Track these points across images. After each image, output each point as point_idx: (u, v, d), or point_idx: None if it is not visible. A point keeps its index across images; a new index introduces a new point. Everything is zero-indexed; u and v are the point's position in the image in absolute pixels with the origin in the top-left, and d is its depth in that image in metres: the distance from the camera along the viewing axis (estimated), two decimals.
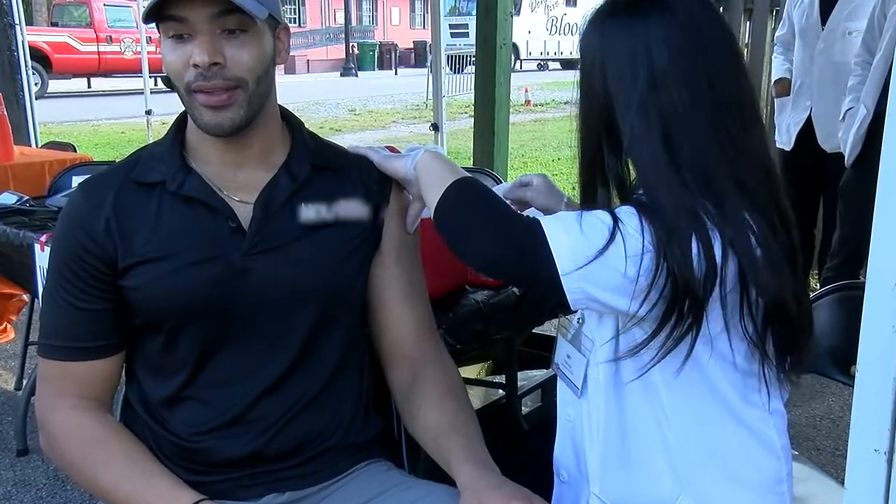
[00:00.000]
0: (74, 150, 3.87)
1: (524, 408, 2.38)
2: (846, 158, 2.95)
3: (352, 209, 1.21)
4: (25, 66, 4.98)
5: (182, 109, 1.15)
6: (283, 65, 1.23)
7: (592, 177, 1.07)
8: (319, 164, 1.21)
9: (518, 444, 1.46)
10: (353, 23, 27.02)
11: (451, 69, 12.62)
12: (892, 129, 0.63)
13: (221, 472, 1.16)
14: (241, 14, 1.06)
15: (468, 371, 2.51)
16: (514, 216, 1.03)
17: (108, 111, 12.31)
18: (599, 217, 0.97)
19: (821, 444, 2.59)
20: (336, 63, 24.57)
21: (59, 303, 1.14)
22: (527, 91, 13.56)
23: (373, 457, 1.25)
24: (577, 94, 1.07)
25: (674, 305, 0.96)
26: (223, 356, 1.16)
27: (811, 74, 3.28)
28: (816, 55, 3.25)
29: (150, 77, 7.63)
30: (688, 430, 1.06)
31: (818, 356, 1.47)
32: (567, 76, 1.11)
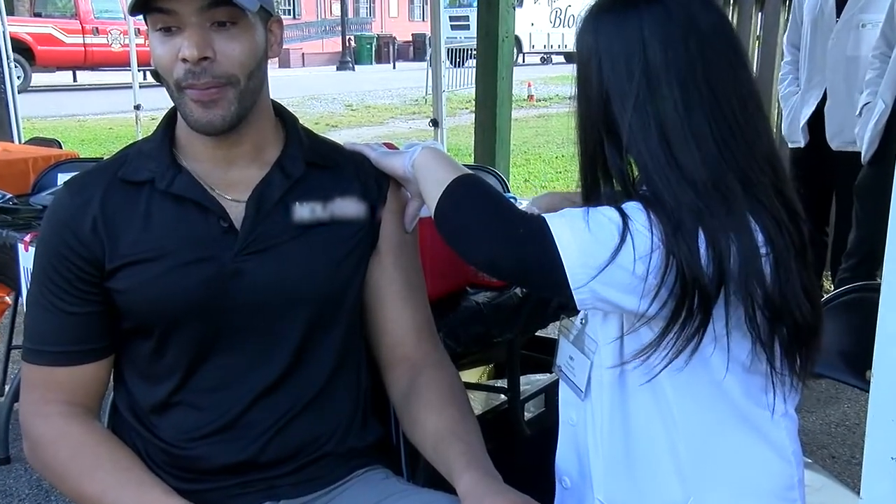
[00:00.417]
0: (60, 147, 3.88)
1: (527, 413, 2.38)
2: (863, 155, 2.95)
3: (348, 208, 1.21)
4: (7, 59, 4.98)
5: (171, 104, 1.15)
6: (277, 59, 1.23)
7: (594, 173, 1.07)
8: (314, 162, 1.22)
9: (520, 451, 1.46)
10: (350, 15, 27.02)
11: (452, 63, 12.63)
12: None
13: (213, 480, 1.16)
14: (232, 6, 1.07)
15: (469, 375, 2.51)
16: (518, 214, 1.03)
17: (95, 106, 12.30)
18: (607, 214, 0.97)
19: (836, 452, 2.59)
20: (332, 57, 24.56)
21: (45, 306, 1.14)
22: (530, 85, 13.55)
23: (370, 464, 1.25)
24: (575, 91, 1.08)
25: (683, 303, 0.96)
26: (215, 360, 1.16)
27: (822, 69, 3.28)
28: (829, 49, 3.24)
29: (139, 71, 7.63)
30: (696, 433, 1.06)
31: (833, 360, 1.47)
32: (572, 70, 1.11)
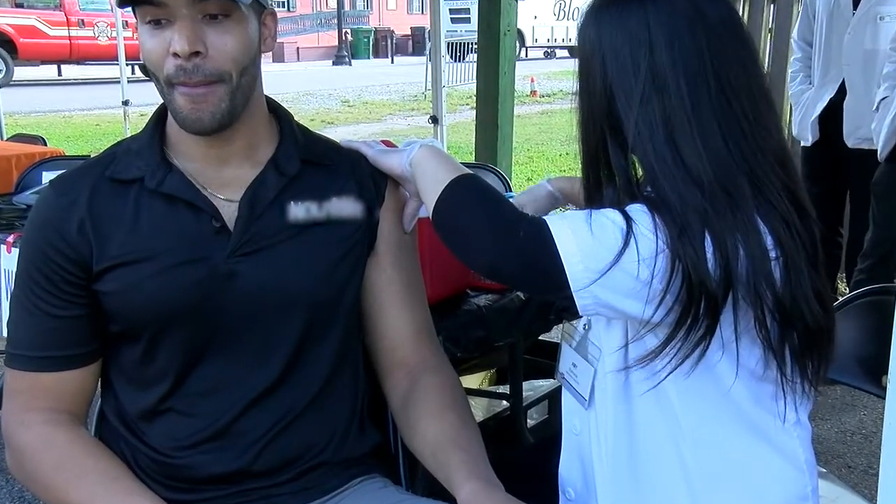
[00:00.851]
0: (44, 144, 3.88)
1: (530, 420, 2.39)
2: (879, 152, 2.95)
3: (345, 207, 1.21)
4: None
5: (162, 100, 1.15)
6: (270, 53, 1.23)
7: (597, 173, 1.07)
8: (310, 160, 1.22)
9: (523, 460, 1.46)
10: (347, 7, 27.05)
11: (452, 57, 12.62)
12: None
13: (205, 490, 1.16)
14: None
15: (470, 381, 2.51)
16: (519, 216, 1.04)
17: (81, 101, 12.30)
18: (610, 217, 0.98)
19: (852, 462, 2.59)
20: (328, 51, 24.57)
21: (29, 309, 1.14)
22: (533, 81, 13.55)
23: (368, 472, 1.25)
24: (577, 87, 1.08)
25: (689, 308, 0.96)
26: (207, 365, 1.16)
27: (838, 64, 3.28)
28: (846, 43, 3.25)
29: (127, 65, 7.60)
30: (704, 442, 1.06)
31: (848, 366, 1.47)
32: (574, 65, 1.12)
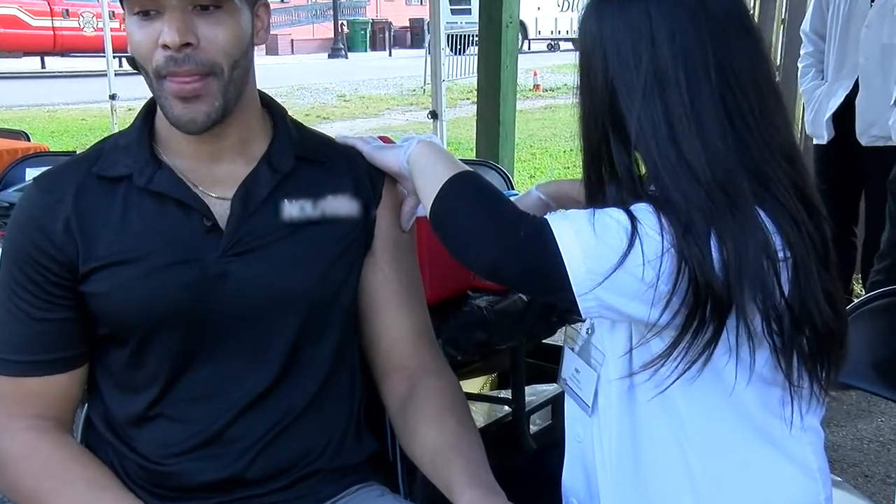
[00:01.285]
0: (28, 139, 3.88)
1: (532, 426, 2.39)
2: None
3: (340, 205, 1.22)
4: None
5: (151, 94, 1.15)
6: (263, 45, 1.23)
7: (599, 171, 1.07)
8: (304, 156, 1.22)
9: (525, 467, 1.47)
10: None
11: (452, 50, 12.63)
12: None
13: (196, 498, 1.16)
14: None
15: (470, 385, 2.51)
16: (520, 215, 1.04)
17: (66, 95, 12.28)
18: (614, 216, 0.98)
19: (869, 471, 2.58)
20: (323, 43, 24.56)
21: (13, 311, 1.14)
22: (536, 74, 13.56)
23: (365, 480, 1.25)
24: (578, 82, 1.08)
25: (695, 311, 0.96)
26: (198, 369, 1.16)
27: (854, 58, 3.28)
28: (862, 37, 3.24)
29: (114, 57, 7.60)
30: (711, 449, 1.06)
31: (864, 370, 1.47)
32: (576, 59, 1.12)
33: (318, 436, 1.21)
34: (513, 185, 2.92)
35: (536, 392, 2.44)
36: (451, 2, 18.60)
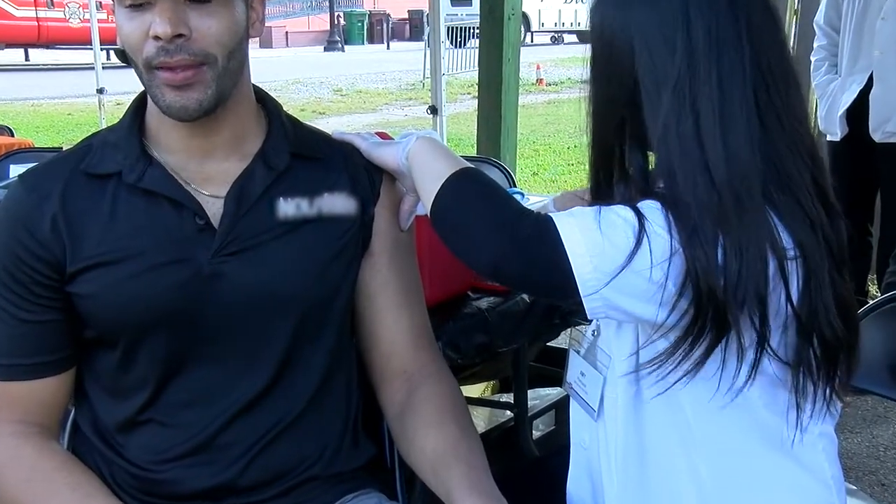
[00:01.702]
0: (11, 134, 3.88)
1: (535, 432, 2.39)
2: None
3: (337, 204, 1.22)
4: None
5: (141, 88, 1.16)
6: (258, 38, 1.23)
7: (609, 171, 1.07)
8: (300, 153, 1.22)
9: (528, 474, 1.47)
10: None
11: (452, 43, 12.61)
12: None
13: None
14: None
15: (471, 389, 2.52)
16: (524, 213, 1.04)
17: (52, 89, 12.28)
18: (621, 214, 0.98)
19: (886, 479, 2.58)
20: (319, 36, 24.57)
21: None
22: (539, 68, 13.56)
23: (362, 487, 1.25)
24: (590, 75, 1.08)
25: (698, 316, 0.96)
26: (190, 373, 1.16)
27: (868, 52, 3.28)
28: (878, 29, 3.24)
29: (102, 49, 7.58)
30: (719, 455, 1.06)
31: (880, 374, 1.47)
32: (585, 51, 1.11)
33: (314, 442, 1.21)
34: (515, 183, 2.92)
35: (539, 396, 2.45)
36: None
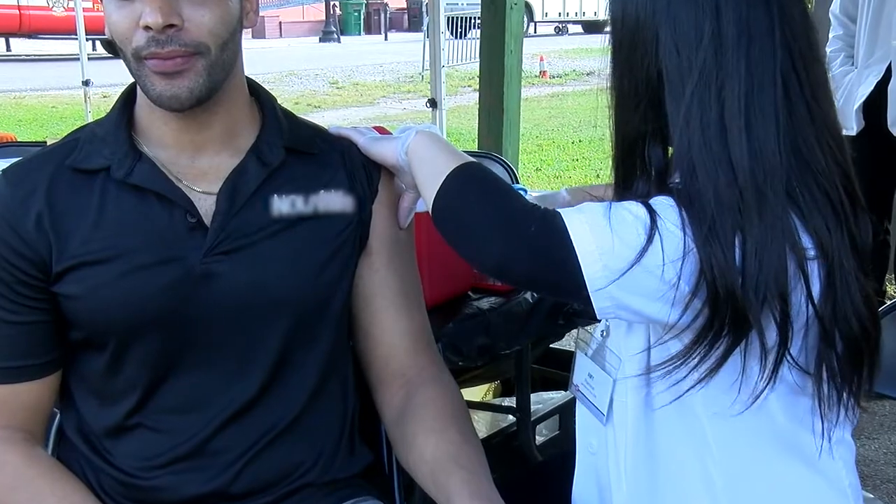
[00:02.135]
0: None
1: (538, 437, 2.39)
2: None
3: (333, 201, 1.22)
4: None
5: (129, 80, 1.16)
6: (252, 28, 1.23)
7: (632, 166, 1.07)
8: (295, 148, 1.22)
9: (532, 480, 1.47)
10: None
11: (452, 34, 12.62)
12: None
13: None
14: None
15: (472, 393, 2.52)
16: (530, 209, 1.04)
17: (35, 80, 12.26)
18: (632, 211, 0.98)
19: None
20: (314, 26, 24.56)
21: None
22: (542, 60, 13.56)
23: (359, 494, 1.25)
24: (611, 66, 1.08)
25: (713, 317, 0.96)
26: (180, 377, 1.17)
27: (886, 42, 3.27)
28: None
29: (88, 40, 7.54)
30: (733, 461, 1.06)
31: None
32: (591, 42, 1.11)
33: (309, 448, 1.21)
34: (518, 179, 2.92)
35: (543, 400, 2.45)
36: None
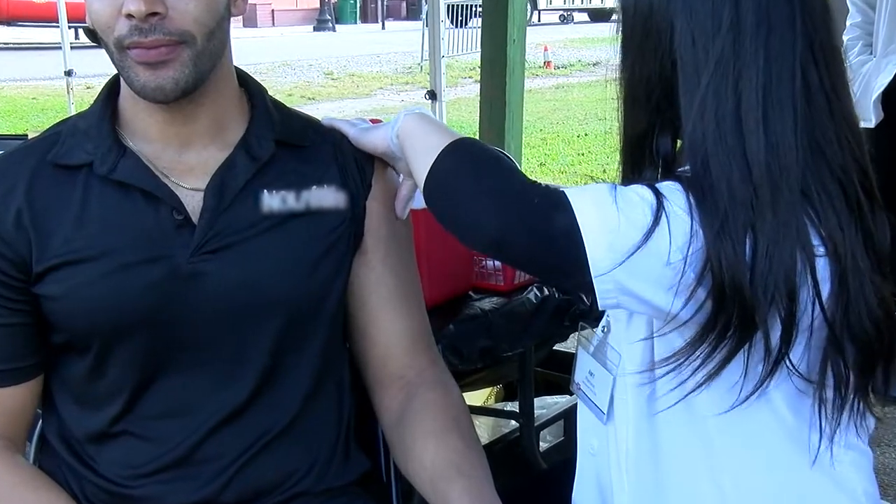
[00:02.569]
0: None
1: (543, 443, 2.39)
2: None
3: (326, 196, 1.22)
4: None
5: (114, 71, 1.15)
6: (241, 16, 1.23)
7: (640, 159, 1.07)
8: (286, 141, 1.22)
9: (535, 488, 1.47)
10: None
11: (452, 22, 12.61)
12: None
13: None
14: None
15: (474, 397, 2.52)
16: (531, 184, 1.04)
17: (14, 70, 12.23)
18: (638, 192, 0.98)
19: None
20: (308, 14, 24.55)
21: None
22: (546, 49, 13.57)
23: (355, 502, 1.25)
24: (621, 55, 1.08)
25: (719, 313, 0.96)
26: (168, 381, 1.17)
27: None
28: None
29: (70, 27, 7.54)
30: (742, 465, 1.06)
31: None
32: (597, 31, 1.11)
33: (302, 455, 1.21)
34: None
35: (547, 405, 2.45)
36: None
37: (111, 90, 1.20)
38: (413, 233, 1.33)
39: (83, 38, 11.59)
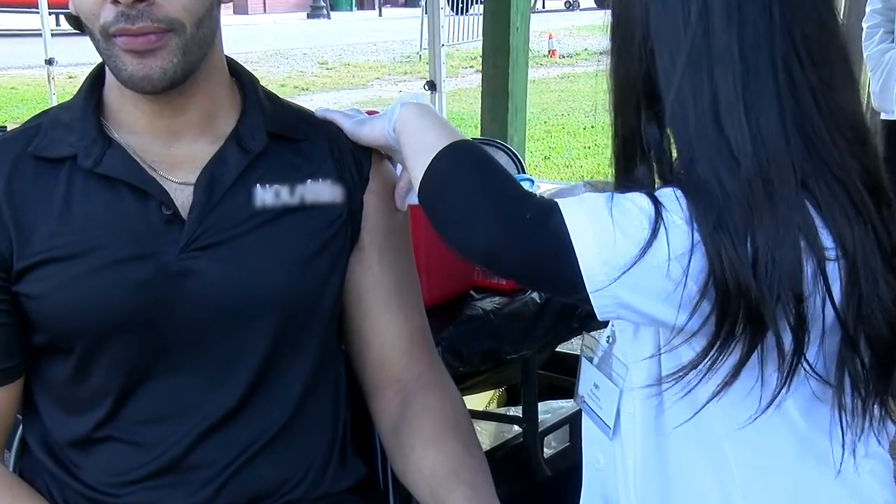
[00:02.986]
0: None
1: (547, 449, 2.39)
2: None
3: (321, 191, 1.22)
4: None
5: (98, 59, 1.15)
6: (232, 3, 1.23)
7: (632, 154, 1.07)
8: (278, 133, 1.22)
9: (539, 496, 1.47)
10: None
11: (453, 9, 12.62)
12: None
13: None
14: None
15: (475, 401, 2.52)
16: (525, 195, 1.04)
17: None
18: (636, 202, 0.97)
19: None
20: (301, 1, 24.56)
21: None
22: (551, 38, 13.58)
23: None
24: (609, 45, 1.08)
25: (724, 318, 0.96)
26: (155, 384, 1.17)
27: None
28: None
29: (51, 14, 7.53)
30: (755, 478, 1.06)
31: None
32: (604, 17, 1.11)
33: (297, 460, 1.22)
34: (524, 168, 2.91)
35: (551, 409, 2.45)
36: None
37: (96, 80, 1.20)
38: (412, 229, 1.33)
39: (65, 25, 11.61)
